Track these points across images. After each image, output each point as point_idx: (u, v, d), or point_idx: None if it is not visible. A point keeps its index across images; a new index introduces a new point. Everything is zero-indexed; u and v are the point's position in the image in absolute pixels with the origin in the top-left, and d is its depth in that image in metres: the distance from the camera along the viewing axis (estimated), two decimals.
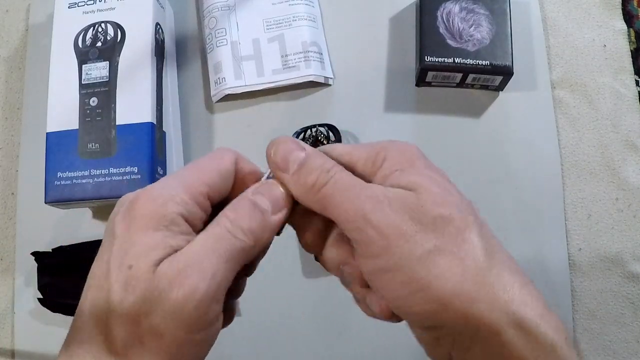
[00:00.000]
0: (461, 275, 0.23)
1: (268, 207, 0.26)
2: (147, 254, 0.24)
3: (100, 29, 0.55)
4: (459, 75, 0.56)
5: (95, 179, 0.52)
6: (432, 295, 0.23)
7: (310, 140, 0.55)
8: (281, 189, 0.27)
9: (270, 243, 0.27)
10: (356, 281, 0.27)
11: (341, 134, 0.56)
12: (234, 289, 0.27)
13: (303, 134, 0.56)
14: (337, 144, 0.28)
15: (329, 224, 0.27)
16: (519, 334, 0.23)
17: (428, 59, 0.55)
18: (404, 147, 0.27)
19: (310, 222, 0.28)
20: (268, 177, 0.28)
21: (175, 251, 0.24)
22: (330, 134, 0.56)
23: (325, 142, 0.55)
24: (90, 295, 0.25)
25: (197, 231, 0.25)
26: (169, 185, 0.25)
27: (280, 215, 0.26)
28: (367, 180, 0.26)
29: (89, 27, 0.55)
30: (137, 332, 0.23)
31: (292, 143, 0.27)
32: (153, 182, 0.51)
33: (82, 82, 0.54)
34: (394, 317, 0.27)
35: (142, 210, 0.24)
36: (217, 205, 0.27)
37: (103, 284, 0.25)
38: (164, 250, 0.24)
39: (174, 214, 0.24)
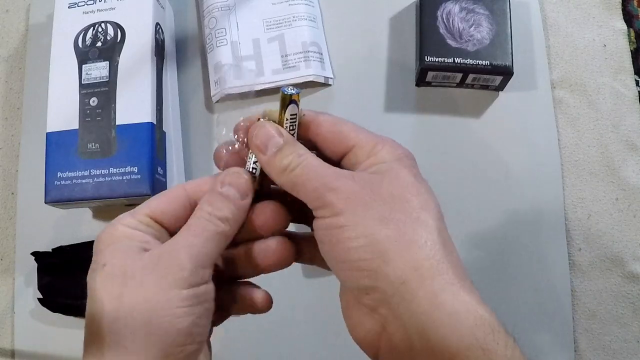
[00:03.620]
0: (409, 242, 0.26)
1: (236, 195, 0.29)
2: (127, 247, 0.28)
3: (100, 29, 0.55)
4: (459, 75, 0.56)
5: (95, 179, 0.52)
6: (378, 251, 0.25)
7: None
8: (244, 176, 0.30)
9: (243, 222, 0.30)
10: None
11: None
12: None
13: None
14: (348, 121, 0.31)
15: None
16: (461, 314, 0.25)
17: (428, 59, 0.55)
18: (398, 147, 0.30)
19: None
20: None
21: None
22: None
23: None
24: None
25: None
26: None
27: (247, 200, 0.30)
28: (356, 164, 0.29)
29: (89, 27, 0.55)
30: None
31: (273, 129, 0.29)
32: (153, 182, 0.51)
33: (82, 82, 0.54)
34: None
35: (105, 243, 0.29)
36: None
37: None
38: (142, 244, 0.28)
39: (131, 229, 0.28)
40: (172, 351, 0.26)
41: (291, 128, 0.30)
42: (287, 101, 0.30)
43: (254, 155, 0.31)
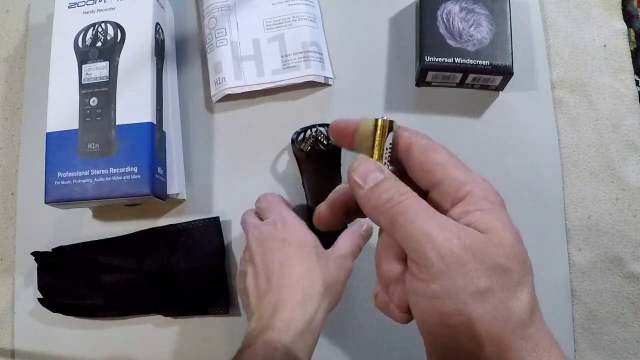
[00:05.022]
0: (503, 323, 0.24)
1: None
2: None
3: (100, 29, 0.55)
4: (459, 75, 0.56)
5: (95, 179, 0.52)
6: (472, 333, 0.24)
7: (311, 140, 0.55)
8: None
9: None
10: (395, 301, 0.28)
11: None
12: None
13: (303, 133, 0.56)
14: (442, 148, 0.29)
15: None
16: None
17: (428, 59, 0.55)
18: (490, 190, 0.28)
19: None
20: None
21: None
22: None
23: (325, 142, 0.55)
24: None
25: None
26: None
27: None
28: (443, 204, 0.27)
29: (89, 27, 0.55)
30: None
31: (373, 165, 0.28)
32: (153, 182, 0.52)
33: (82, 82, 0.54)
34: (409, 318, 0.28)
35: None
36: None
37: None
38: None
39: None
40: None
41: (388, 160, 0.29)
42: (387, 129, 0.28)
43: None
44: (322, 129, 0.55)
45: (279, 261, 0.44)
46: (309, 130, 0.56)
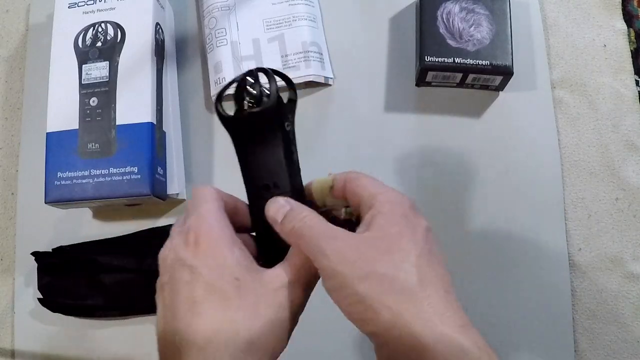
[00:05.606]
0: (389, 290, 0.29)
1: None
2: None
3: (100, 29, 0.55)
4: (459, 75, 0.56)
5: (95, 179, 0.52)
6: (366, 304, 0.29)
7: (241, 97, 0.35)
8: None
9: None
10: None
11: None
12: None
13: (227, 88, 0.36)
14: (366, 177, 0.34)
15: None
16: (439, 346, 0.28)
17: (428, 59, 0.55)
18: (394, 196, 0.32)
19: None
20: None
21: None
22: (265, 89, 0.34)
23: (259, 96, 0.34)
24: None
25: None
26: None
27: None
28: (363, 214, 0.32)
29: (89, 27, 0.55)
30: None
31: (282, 200, 0.34)
32: (153, 182, 0.52)
33: (82, 82, 0.54)
34: None
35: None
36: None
37: None
38: None
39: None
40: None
41: (346, 206, 0.34)
42: (329, 185, 0.34)
43: None
44: (249, 78, 0.34)
45: (187, 301, 0.31)
46: (238, 82, 0.34)
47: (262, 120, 0.34)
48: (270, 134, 0.34)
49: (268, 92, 0.34)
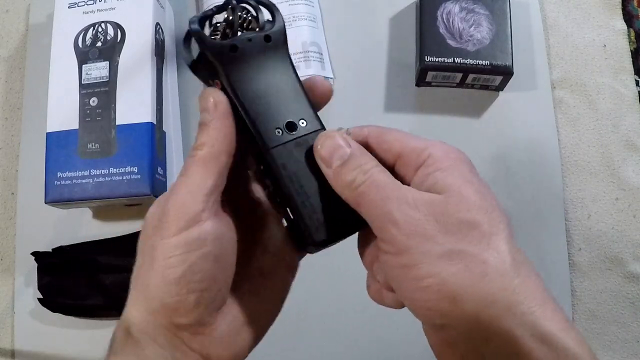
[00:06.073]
0: (480, 276, 0.23)
1: (206, 116, 0.31)
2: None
3: (100, 29, 0.55)
4: (459, 75, 0.56)
5: (95, 179, 0.52)
6: (445, 291, 0.24)
7: (235, 23, 0.33)
8: (211, 99, 0.31)
9: (232, 152, 0.30)
10: (381, 281, 0.28)
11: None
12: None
13: (211, 19, 0.33)
14: (394, 130, 0.29)
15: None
16: (539, 346, 0.23)
17: (428, 59, 0.55)
18: (450, 149, 0.28)
19: None
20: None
21: None
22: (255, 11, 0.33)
23: (251, 24, 0.33)
24: None
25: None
26: None
27: (217, 123, 0.31)
28: (407, 173, 0.27)
29: (89, 27, 0.55)
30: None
31: (340, 140, 0.28)
32: (153, 182, 0.51)
33: (82, 82, 0.54)
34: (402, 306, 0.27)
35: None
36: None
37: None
38: None
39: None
40: (169, 302, 0.26)
41: None
42: None
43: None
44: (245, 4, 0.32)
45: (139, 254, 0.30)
46: (227, 11, 0.31)
47: (278, 38, 0.33)
48: (283, 53, 0.33)
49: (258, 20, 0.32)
